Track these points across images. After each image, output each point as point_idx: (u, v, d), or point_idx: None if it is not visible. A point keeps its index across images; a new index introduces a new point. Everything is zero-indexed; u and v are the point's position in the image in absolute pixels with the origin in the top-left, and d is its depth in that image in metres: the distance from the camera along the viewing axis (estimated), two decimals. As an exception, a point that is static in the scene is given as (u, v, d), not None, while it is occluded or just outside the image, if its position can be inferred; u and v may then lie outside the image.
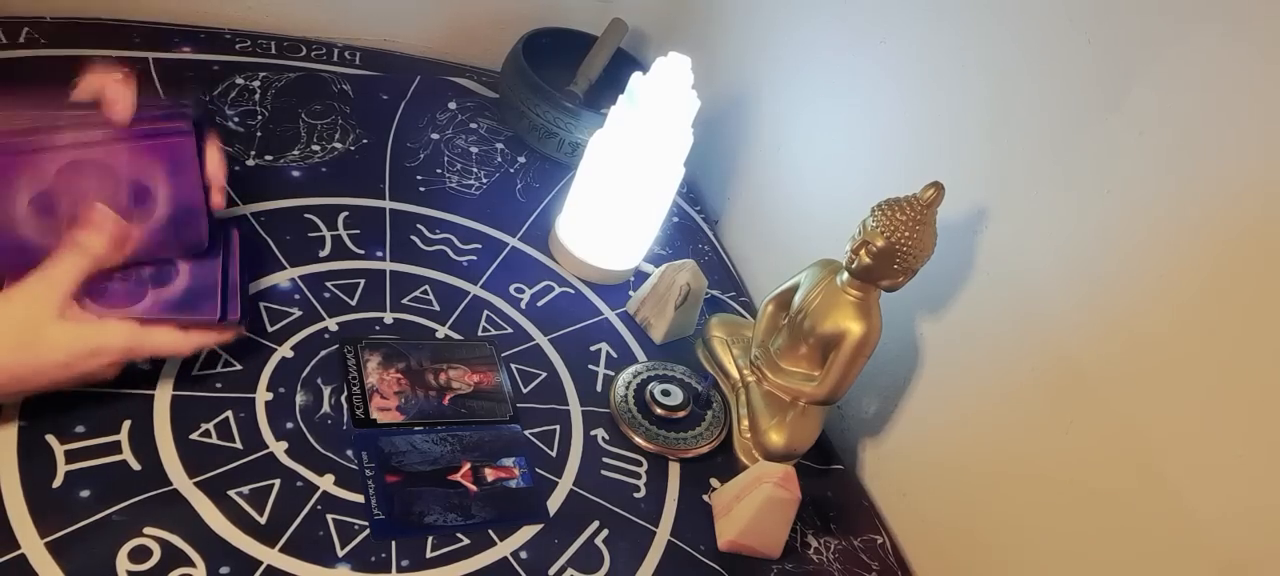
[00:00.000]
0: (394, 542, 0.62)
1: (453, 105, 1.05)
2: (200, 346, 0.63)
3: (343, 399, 0.70)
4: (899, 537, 0.81)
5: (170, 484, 0.60)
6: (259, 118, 0.90)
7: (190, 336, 0.62)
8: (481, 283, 0.85)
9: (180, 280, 0.64)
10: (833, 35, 0.94)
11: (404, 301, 0.79)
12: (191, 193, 0.64)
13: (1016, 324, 0.72)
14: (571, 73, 1.08)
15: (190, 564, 0.56)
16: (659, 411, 0.79)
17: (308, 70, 0.98)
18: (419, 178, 0.93)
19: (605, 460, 0.75)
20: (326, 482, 0.64)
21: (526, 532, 0.67)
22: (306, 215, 0.83)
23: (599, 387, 0.81)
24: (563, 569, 0.66)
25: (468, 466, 0.69)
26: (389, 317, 0.77)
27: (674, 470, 0.77)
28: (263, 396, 0.67)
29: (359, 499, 0.64)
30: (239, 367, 0.68)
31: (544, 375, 0.80)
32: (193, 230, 0.65)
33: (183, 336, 0.61)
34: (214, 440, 0.63)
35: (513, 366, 0.79)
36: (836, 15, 0.93)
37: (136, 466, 0.60)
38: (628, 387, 0.80)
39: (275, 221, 0.81)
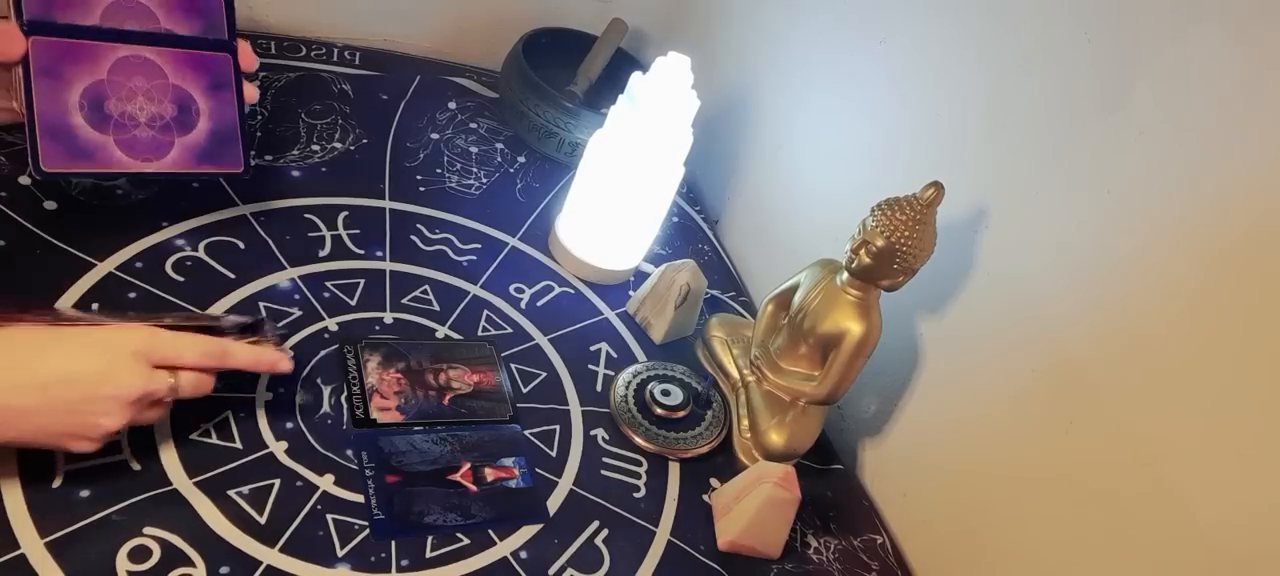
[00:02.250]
0: (394, 542, 0.62)
1: (453, 105, 1.05)
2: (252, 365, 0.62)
3: (342, 399, 0.69)
4: (899, 537, 0.81)
5: (170, 484, 0.60)
6: (259, 118, 0.90)
7: (258, 352, 0.61)
8: (481, 283, 0.85)
9: (202, 122, 0.69)
10: (833, 35, 0.94)
11: (404, 301, 0.79)
12: (230, 114, 0.69)
13: (1016, 324, 0.72)
14: (571, 73, 1.08)
15: (190, 564, 0.56)
16: (659, 411, 0.79)
17: (308, 70, 0.98)
18: (419, 178, 0.93)
19: (605, 460, 0.75)
20: (326, 482, 0.64)
21: (526, 532, 0.67)
22: (306, 215, 0.83)
23: (599, 387, 0.81)
24: (563, 569, 0.66)
25: (467, 466, 0.69)
26: (389, 317, 0.77)
27: (674, 470, 0.77)
28: (262, 396, 0.67)
29: (359, 499, 0.64)
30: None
31: (544, 375, 0.80)
32: (230, 154, 0.70)
33: (253, 353, 0.61)
34: (214, 440, 0.63)
35: (513, 366, 0.79)
36: (836, 15, 0.93)
37: (136, 466, 0.60)
38: (628, 387, 0.80)
39: (275, 221, 0.81)
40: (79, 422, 0.53)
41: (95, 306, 0.67)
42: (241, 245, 0.77)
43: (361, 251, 0.82)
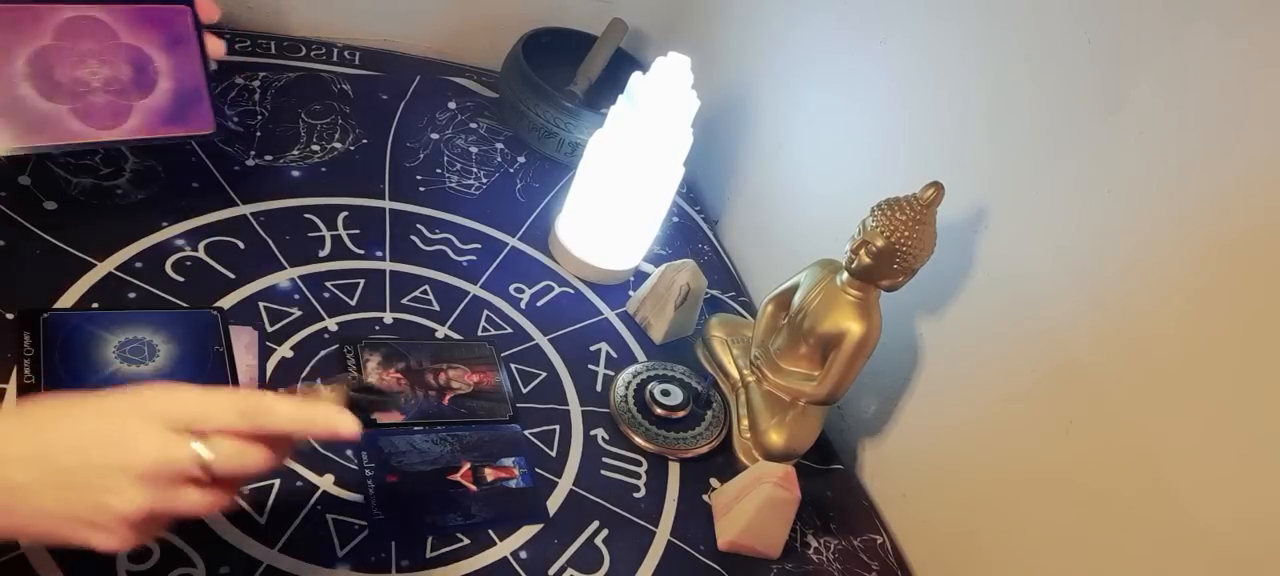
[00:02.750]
0: (394, 542, 0.62)
1: (453, 105, 1.05)
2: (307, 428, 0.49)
3: (343, 399, 0.69)
4: (899, 537, 0.81)
5: (170, 484, 0.60)
6: (259, 118, 0.90)
7: (307, 410, 0.49)
8: (481, 283, 0.85)
9: (163, 82, 0.63)
10: (833, 35, 0.94)
11: (404, 301, 0.79)
12: (193, 72, 0.65)
13: (1016, 324, 0.72)
14: (571, 73, 1.08)
15: (190, 564, 0.56)
16: (659, 411, 0.79)
17: (308, 70, 0.98)
18: (419, 178, 0.93)
19: (605, 460, 0.75)
20: (326, 482, 0.64)
21: (526, 532, 0.67)
22: (306, 215, 0.83)
23: (599, 387, 0.81)
24: (563, 569, 0.66)
25: (467, 466, 0.69)
26: (389, 317, 0.77)
27: (674, 470, 0.77)
28: (263, 396, 0.67)
29: (359, 499, 0.64)
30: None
31: (544, 375, 0.80)
32: (197, 114, 0.66)
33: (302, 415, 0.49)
34: (214, 440, 0.63)
35: (513, 366, 0.79)
36: (836, 15, 0.93)
37: (136, 466, 0.60)
38: (628, 387, 0.80)
39: (275, 221, 0.81)
40: (84, 503, 0.42)
41: (95, 305, 0.67)
42: (241, 245, 0.77)
43: (361, 251, 0.82)
